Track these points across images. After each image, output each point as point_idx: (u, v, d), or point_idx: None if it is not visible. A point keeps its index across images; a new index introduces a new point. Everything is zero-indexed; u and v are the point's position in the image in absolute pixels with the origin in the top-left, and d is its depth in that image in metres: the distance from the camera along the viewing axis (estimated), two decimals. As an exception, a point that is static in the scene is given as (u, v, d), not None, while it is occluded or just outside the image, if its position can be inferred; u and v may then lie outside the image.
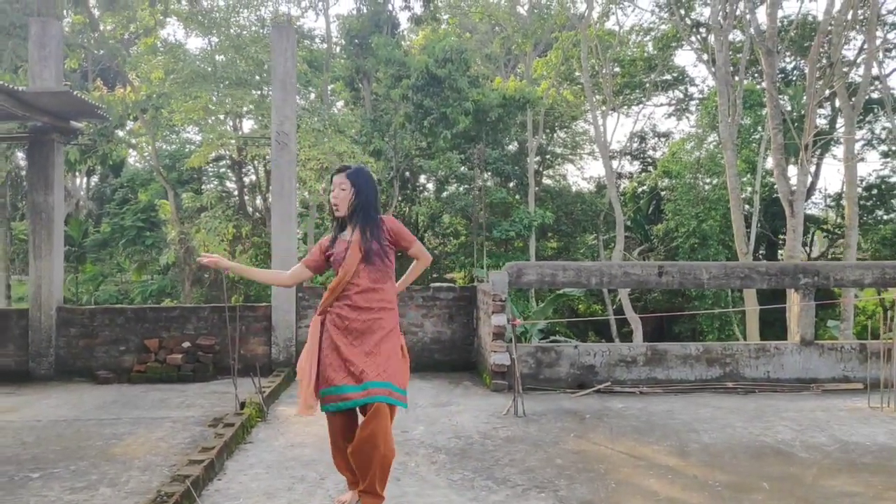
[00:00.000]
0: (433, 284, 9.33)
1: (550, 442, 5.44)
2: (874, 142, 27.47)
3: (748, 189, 24.09)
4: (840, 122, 26.11)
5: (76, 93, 8.20)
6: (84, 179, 37.57)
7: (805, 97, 17.91)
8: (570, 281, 7.84)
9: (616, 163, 31.41)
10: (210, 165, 23.84)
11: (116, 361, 8.61)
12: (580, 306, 27.50)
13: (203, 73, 17.52)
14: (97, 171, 35.02)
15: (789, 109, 23.08)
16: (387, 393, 3.76)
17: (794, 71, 27.19)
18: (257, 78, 18.29)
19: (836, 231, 28.82)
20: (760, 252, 26.85)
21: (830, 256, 28.92)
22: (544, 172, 31.50)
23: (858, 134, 23.77)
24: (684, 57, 56.85)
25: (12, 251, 31.59)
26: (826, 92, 17.22)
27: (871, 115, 26.36)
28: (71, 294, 25.87)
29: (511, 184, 26.78)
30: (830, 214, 30.97)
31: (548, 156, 31.30)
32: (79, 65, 20.92)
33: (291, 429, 5.91)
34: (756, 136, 24.49)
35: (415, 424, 6.00)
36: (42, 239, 8.72)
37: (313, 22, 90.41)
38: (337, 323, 3.91)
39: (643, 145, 33.82)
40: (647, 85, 29.62)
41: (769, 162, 23.01)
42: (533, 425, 5.96)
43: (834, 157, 28.06)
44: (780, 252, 24.49)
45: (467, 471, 4.76)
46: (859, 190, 22.41)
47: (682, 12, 25.07)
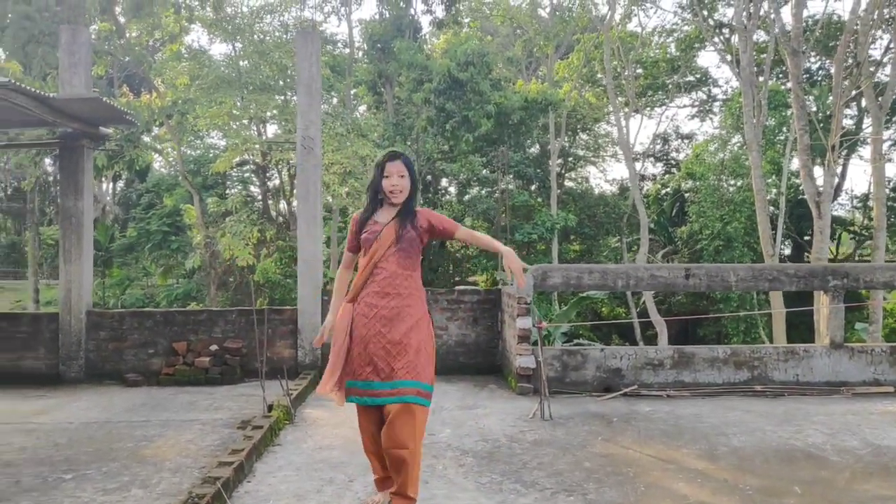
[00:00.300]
0: (457, 287, 9.36)
1: (578, 445, 5.43)
2: (902, 142, 27.08)
3: (773, 190, 23.87)
4: (867, 123, 25.80)
5: (105, 99, 8.31)
6: (110, 184, 38.06)
7: (831, 97, 17.72)
8: (596, 283, 7.82)
9: (639, 165, 31.26)
10: (234, 170, 24.08)
11: (145, 364, 8.70)
12: (603, 309, 27.37)
13: (227, 79, 17.71)
14: (123, 177, 35.45)
15: (815, 110, 22.85)
16: (415, 392, 3.76)
17: (820, 71, 26.90)
18: (281, 83, 18.45)
19: (864, 232, 28.46)
20: (786, 254, 26.59)
21: (857, 258, 28.56)
22: (566, 175, 31.43)
23: (886, 134, 23.45)
24: (707, 58, 56.38)
25: (40, 256, 32.07)
26: (853, 92, 17.00)
27: (899, 115, 25.98)
28: (98, 298, 26.20)
29: (533, 186, 26.75)
30: (857, 216, 30.60)
31: (570, 158, 31.23)
32: (105, 71, 21.18)
33: (319, 431, 5.94)
34: (781, 138, 24.26)
35: (441, 427, 6.01)
36: (72, 243, 8.83)
37: (336, 27, 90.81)
38: (365, 312, 3.89)
39: (666, 147, 33.63)
40: (670, 86, 29.46)
41: (794, 163, 22.80)
42: (560, 429, 5.94)
43: (861, 158, 27.77)
44: (807, 254, 24.23)
45: (495, 474, 4.76)
46: (887, 191, 22.07)
47: (706, 13, 24.89)
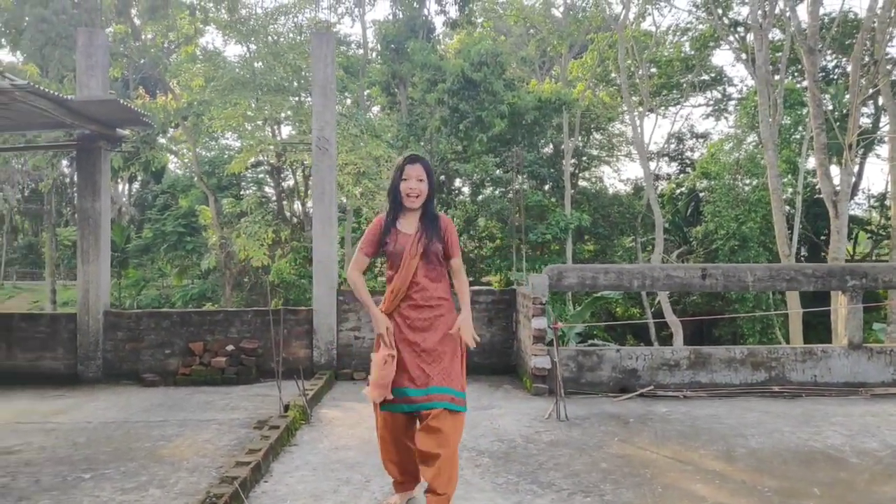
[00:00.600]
0: (472, 288, 9.31)
1: (594, 446, 5.41)
2: (920, 140, 26.80)
3: (789, 190, 23.70)
4: (884, 121, 25.58)
5: (121, 101, 8.37)
6: (126, 186, 38.39)
7: (847, 95, 17.58)
8: (612, 284, 7.79)
9: (654, 164, 31.14)
10: (249, 171, 24.19)
11: (162, 364, 8.75)
12: (618, 309, 27.28)
13: (242, 81, 17.78)
14: (139, 178, 35.74)
15: (831, 108, 22.68)
16: (449, 399, 3.80)
17: (836, 69, 26.71)
18: (295, 84, 18.51)
19: (881, 232, 28.23)
20: (802, 254, 26.41)
21: (875, 258, 28.33)
22: (580, 175, 31.36)
23: (904, 132, 23.24)
24: (722, 57, 56.27)
25: (57, 257, 32.35)
26: (870, 90, 16.86)
27: (917, 113, 25.71)
28: (114, 299, 26.39)
29: (547, 186, 26.70)
30: (874, 215, 30.36)
31: (584, 158, 31.15)
32: (121, 73, 21.36)
33: (335, 431, 5.96)
34: (797, 136, 24.11)
35: (457, 428, 6.00)
36: (90, 244, 8.90)
37: (349, 28, 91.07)
38: (399, 323, 3.94)
39: (681, 146, 33.50)
40: (685, 85, 29.33)
41: (810, 162, 22.64)
42: (576, 429, 5.93)
43: (878, 157, 27.54)
44: (823, 254, 24.05)
45: (511, 474, 4.75)
46: (905, 190, 21.85)
47: (720, 11, 24.77)
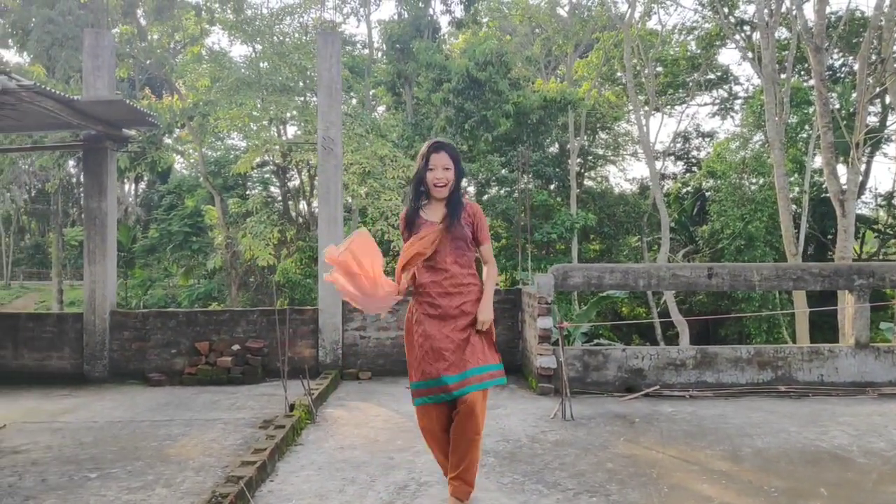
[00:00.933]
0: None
1: (600, 446, 5.40)
2: (927, 139, 26.72)
3: (796, 189, 23.63)
4: (891, 119, 25.50)
5: (127, 101, 8.39)
6: (132, 186, 38.50)
7: (854, 94, 17.51)
8: (617, 283, 7.77)
9: (659, 163, 31.09)
10: (255, 171, 24.22)
11: (168, 364, 8.77)
12: (623, 309, 27.24)
13: (247, 81, 17.81)
14: (145, 178, 35.84)
15: (838, 107, 22.59)
16: (489, 376, 3.85)
17: (843, 68, 26.62)
18: (300, 84, 18.53)
19: (888, 231, 28.12)
20: (809, 253, 26.32)
21: (882, 257, 28.23)
22: (586, 174, 31.32)
23: (911, 131, 23.16)
24: (728, 55, 56.20)
25: (64, 257, 32.47)
26: (877, 89, 16.79)
27: (925, 112, 25.63)
28: (121, 298, 26.49)
29: (552, 186, 26.68)
30: (881, 214, 30.25)
31: (589, 157, 31.11)
32: (128, 74, 21.43)
33: (340, 431, 5.96)
34: (803, 135, 24.04)
35: (462, 427, 5.99)
36: (96, 244, 8.93)
37: (355, 28, 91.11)
38: (430, 312, 3.94)
39: (687, 145, 33.43)
40: (691, 84, 29.27)
41: (817, 161, 22.57)
42: (582, 429, 5.92)
43: (885, 156, 27.48)
44: (830, 253, 23.97)
45: (517, 474, 4.74)
46: (912, 188, 21.78)
47: (726, 10, 24.70)
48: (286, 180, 24.35)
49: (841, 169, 19.25)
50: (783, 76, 20.43)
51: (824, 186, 19.23)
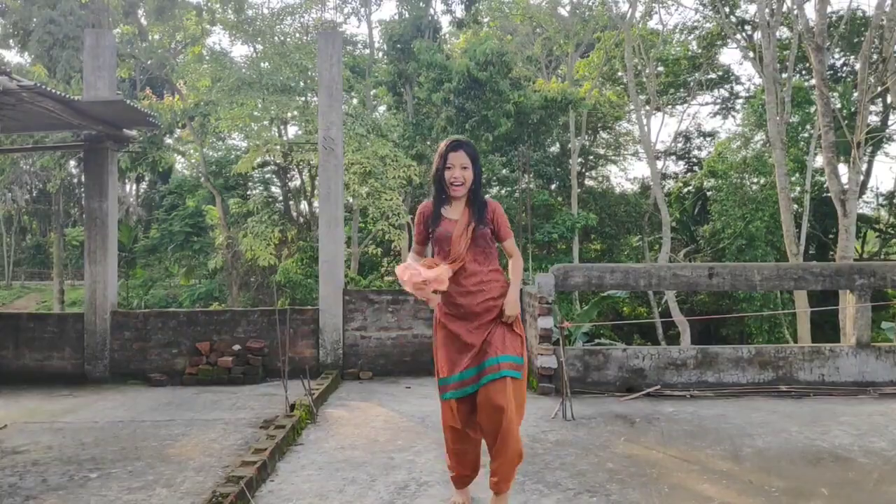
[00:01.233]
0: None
1: (600, 446, 5.39)
2: (928, 139, 26.71)
3: (797, 188, 23.62)
4: (893, 119, 25.48)
5: (128, 101, 8.40)
6: (133, 186, 38.51)
7: (856, 94, 17.50)
8: (618, 283, 7.77)
9: (661, 163, 31.08)
10: (255, 171, 24.22)
11: (169, 364, 8.77)
12: (625, 309, 27.23)
13: (248, 81, 17.82)
14: (146, 178, 35.85)
15: (839, 107, 22.58)
16: (508, 366, 3.80)
17: (844, 67, 26.61)
18: (301, 84, 18.53)
19: (890, 230, 28.09)
20: (810, 252, 26.30)
21: (883, 256, 28.21)
22: (587, 174, 31.32)
23: (912, 131, 23.15)
24: (729, 55, 56.05)
25: (65, 257, 32.49)
26: (878, 88, 16.78)
27: (926, 112, 25.62)
28: (122, 299, 26.50)
29: (553, 186, 26.68)
30: (882, 213, 30.23)
31: (590, 157, 31.10)
32: (129, 74, 21.44)
33: (341, 430, 5.96)
34: (805, 135, 24.02)
35: (463, 427, 5.99)
36: (97, 244, 8.93)
37: (356, 28, 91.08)
38: (454, 312, 3.92)
39: (688, 145, 33.41)
40: (692, 84, 29.26)
41: (818, 160, 22.55)
42: (582, 429, 5.91)
43: (886, 155, 27.48)
44: (831, 253, 23.95)
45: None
46: (914, 188, 21.76)
47: (727, 10, 24.69)
48: (287, 180, 24.36)
49: (842, 168, 19.24)
50: (784, 76, 20.42)
51: (825, 186, 19.21)
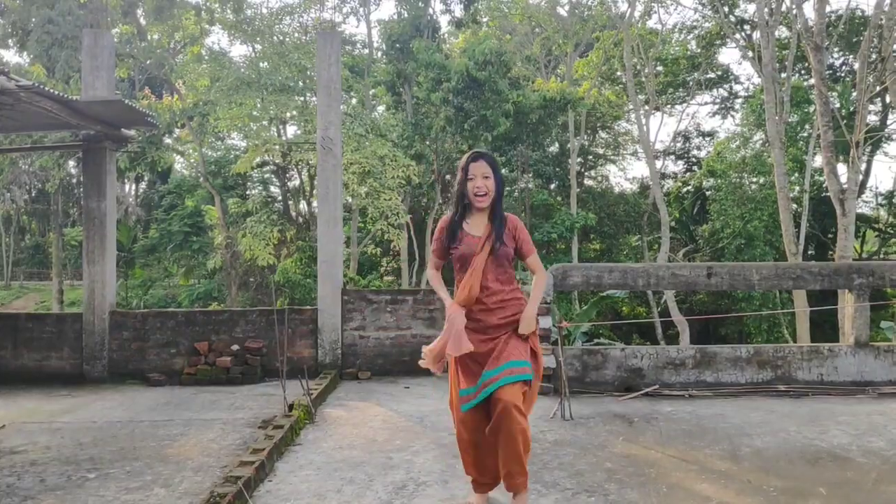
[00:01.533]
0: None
1: (599, 445, 5.39)
2: (928, 138, 26.72)
3: (796, 188, 23.63)
4: (892, 119, 25.49)
5: (127, 101, 8.39)
6: (132, 186, 38.49)
7: (855, 93, 17.51)
8: (617, 283, 7.76)
9: (660, 163, 31.09)
10: (254, 171, 24.22)
11: (167, 364, 8.76)
12: (624, 308, 27.23)
13: (247, 81, 17.81)
14: (145, 178, 35.84)
15: (838, 106, 22.59)
16: (518, 371, 3.82)
17: (843, 67, 26.62)
18: (300, 84, 18.52)
19: (889, 230, 28.10)
20: (810, 252, 26.31)
21: (882, 256, 28.22)
22: (586, 173, 31.31)
23: (911, 130, 23.15)
24: (728, 55, 56.10)
25: (64, 257, 32.48)
26: (877, 87, 16.78)
27: (925, 111, 25.62)
28: (121, 298, 26.48)
29: (552, 185, 26.67)
30: (882, 213, 30.24)
31: (590, 157, 31.09)
32: (127, 74, 21.42)
33: (339, 431, 5.95)
34: (804, 134, 24.02)
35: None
36: (95, 244, 8.92)
37: (355, 27, 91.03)
38: (474, 327, 3.93)
39: (687, 145, 33.41)
40: (691, 83, 29.26)
41: (817, 160, 22.55)
42: (580, 429, 5.91)
43: (885, 155, 27.50)
44: (830, 252, 23.95)
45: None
46: (913, 187, 21.79)
47: (726, 9, 24.69)
48: (286, 180, 24.36)
49: (841, 168, 19.25)
50: (783, 75, 20.43)
51: (824, 185, 19.22)
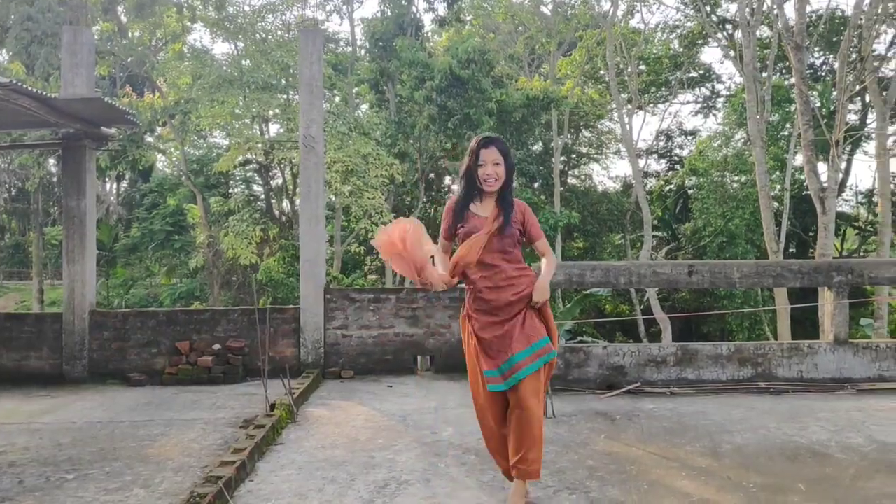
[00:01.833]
0: (461, 285, 9.25)
1: (581, 443, 5.41)
2: (906, 137, 26.97)
3: (777, 186, 23.81)
4: (871, 118, 25.73)
5: (106, 99, 8.31)
6: (114, 184, 38.17)
7: (835, 93, 17.67)
8: (599, 281, 7.78)
9: (642, 161, 31.22)
10: (237, 169, 24.09)
11: (148, 364, 8.70)
12: (607, 306, 27.35)
13: (229, 78, 17.71)
14: (126, 177, 35.55)
15: (818, 105, 22.77)
16: (535, 357, 3.84)
17: (823, 66, 26.84)
18: (283, 82, 18.45)
19: (869, 228, 28.38)
20: (791, 250, 26.53)
21: (863, 254, 28.50)
22: (570, 172, 31.40)
23: (890, 129, 23.34)
24: (711, 54, 56.43)
25: (44, 256, 32.16)
26: (857, 87, 16.95)
27: (904, 110, 25.86)
28: (102, 298, 26.23)
29: (536, 184, 26.71)
30: (862, 211, 30.54)
31: (573, 155, 31.18)
32: (108, 72, 21.24)
33: (321, 430, 5.94)
34: (784, 133, 24.20)
35: (444, 426, 6.00)
36: (75, 243, 8.84)
37: (338, 25, 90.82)
38: (482, 307, 3.93)
39: (670, 144, 33.58)
40: (673, 83, 29.41)
41: (798, 159, 22.74)
42: (563, 426, 5.93)
43: (865, 154, 27.71)
44: (811, 250, 24.17)
45: (498, 472, 4.72)
46: (892, 186, 22.02)
47: (708, 9, 24.83)
48: (269, 179, 24.26)
49: (822, 167, 19.42)
50: (764, 74, 20.58)
51: (805, 184, 19.36)
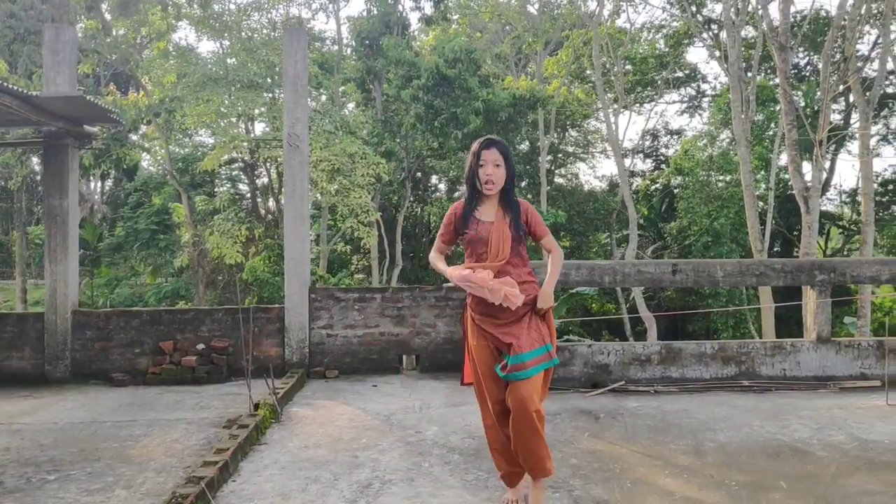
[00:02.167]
0: (445, 284, 9.22)
1: (565, 441, 5.42)
2: (889, 137, 27.30)
3: (762, 186, 23.97)
4: (855, 118, 25.94)
5: (89, 97, 8.24)
6: (98, 183, 37.87)
7: (819, 93, 17.80)
8: (584, 280, 7.80)
9: (628, 161, 31.34)
10: (223, 168, 23.99)
11: (131, 364, 8.63)
12: (593, 305, 27.43)
13: (215, 77, 17.61)
14: (111, 175, 35.29)
15: (803, 105, 22.95)
16: (534, 363, 3.82)
17: (808, 66, 27.05)
18: (269, 80, 18.37)
19: (852, 227, 28.61)
20: (775, 249, 26.71)
21: (846, 253, 28.73)
22: (556, 171, 31.46)
23: (873, 129, 23.60)
24: (696, 54, 56.74)
25: (28, 256, 31.87)
26: (840, 87, 17.07)
27: (887, 110, 26.18)
28: (86, 298, 26.04)
29: (523, 183, 26.73)
30: (846, 210, 30.77)
31: (559, 155, 31.25)
32: (92, 70, 21.07)
33: (305, 430, 5.91)
34: (769, 133, 24.36)
35: (428, 425, 5.99)
36: (57, 243, 8.76)
37: (324, 24, 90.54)
38: (485, 310, 3.92)
39: (655, 143, 33.74)
40: (659, 82, 29.54)
41: (782, 158, 22.89)
42: (547, 425, 5.86)
43: (849, 153, 27.96)
44: (796, 249, 24.34)
45: (481, 471, 4.74)
46: (875, 186, 22.23)
47: (694, 9, 24.94)
48: (255, 177, 24.16)
49: (806, 166, 19.56)
50: (749, 74, 20.69)
51: (790, 183, 19.51)
